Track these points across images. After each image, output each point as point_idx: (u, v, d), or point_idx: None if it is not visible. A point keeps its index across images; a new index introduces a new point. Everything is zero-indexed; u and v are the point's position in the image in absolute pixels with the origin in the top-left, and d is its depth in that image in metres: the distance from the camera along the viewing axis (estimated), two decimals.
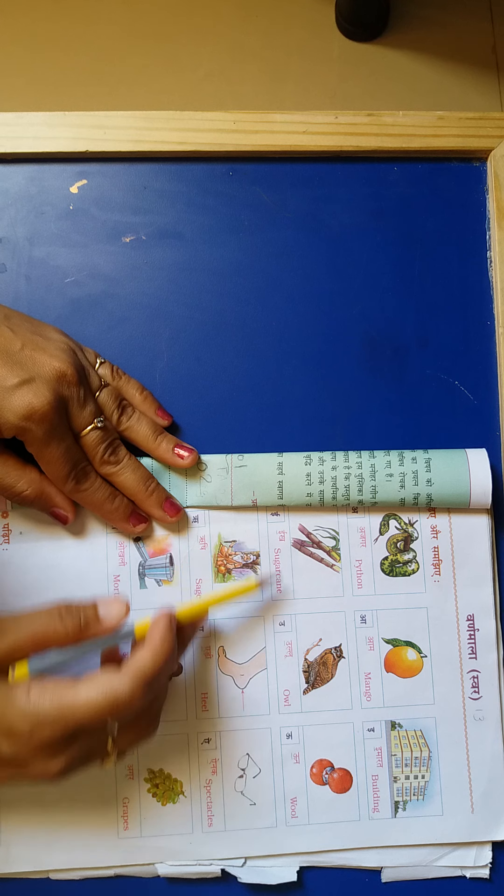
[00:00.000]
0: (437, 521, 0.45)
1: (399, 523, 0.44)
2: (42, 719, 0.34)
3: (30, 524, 0.43)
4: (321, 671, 0.44)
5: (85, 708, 0.34)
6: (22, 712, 0.34)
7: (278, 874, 0.42)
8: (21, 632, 0.36)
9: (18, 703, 0.34)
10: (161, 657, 0.36)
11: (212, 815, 0.43)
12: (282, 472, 0.43)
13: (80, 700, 0.34)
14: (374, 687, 0.44)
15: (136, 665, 0.36)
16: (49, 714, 0.34)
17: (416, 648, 0.44)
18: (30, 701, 0.34)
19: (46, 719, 0.34)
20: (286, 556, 0.44)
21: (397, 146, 0.46)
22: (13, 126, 0.46)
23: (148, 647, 0.37)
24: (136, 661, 0.36)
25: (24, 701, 0.34)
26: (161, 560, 0.44)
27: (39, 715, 0.34)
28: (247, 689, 0.43)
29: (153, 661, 0.36)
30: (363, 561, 0.44)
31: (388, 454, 0.44)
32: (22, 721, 0.34)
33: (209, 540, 0.44)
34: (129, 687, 0.35)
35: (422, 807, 0.43)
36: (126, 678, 0.35)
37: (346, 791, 0.43)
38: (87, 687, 0.35)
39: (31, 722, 0.34)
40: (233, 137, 0.46)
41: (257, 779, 0.43)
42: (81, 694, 0.34)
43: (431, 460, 0.43)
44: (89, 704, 0.34)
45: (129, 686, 0.35)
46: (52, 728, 0.34)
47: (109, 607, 0.38)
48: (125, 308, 0.46)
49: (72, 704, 0.34)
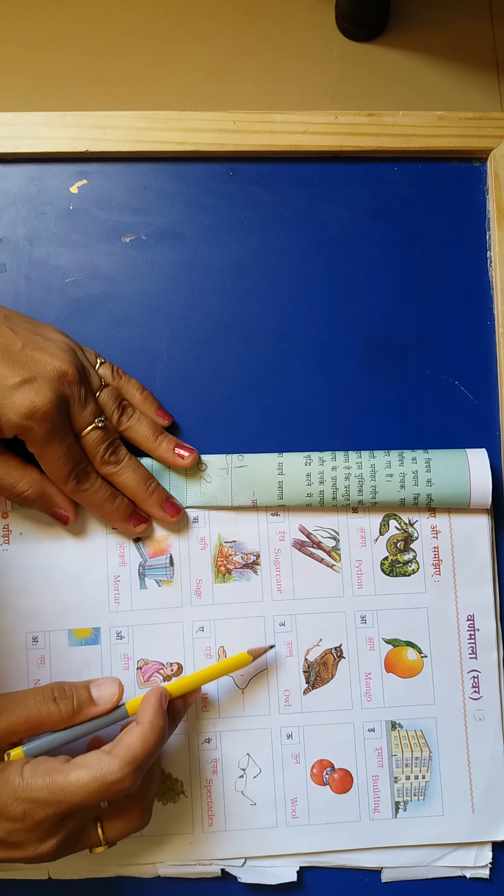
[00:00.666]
0: (437, 521, 0.45)
1: (399, 523, 0.44)
2: (35, 802, 0.34)
3: (30, 525, 0.43)
4: (321, 671, 0.44)
5: (77, 791, 0.34)
6: (15, 795, 0.35)
7: (278, 874, 0.42)
8: (15, 714, 0.37)
9: (12, 784, 0.35)
10: (151, 740, 0.36)
11: (212, 815, 0.43)
12: (282, 472, 0.43)
13: (71, 783, 0.35)
14: (374, 687, 0.44)
15: (126, 748, 0.36)
16: (41, 795, 0.34)
17: (417, 648, 0.44)
18: (23, 783, 0.35)
19: (39, 801, 0.34)
20: (286, 556, 0.44)
21: (397, 146, 0.46)
22: (13, 126, 0.46)
23: (138, 729, 0.37)
24: (125, 743, 0.36)
25: (18, 783, 0.35)
26: (161, 560, 0.44)
27: (32, 797, 0.34)
28: (247, 689, 0.43)
29: (143, 744, 0.36)
30: (363, 561, 0.44)
31: (388, 454, 0.44)
32: (15, 804, 0.34)
33: (209, 540, 0.44)
34: (118, 770, 0.35)
35: (422, 807, 0.43)
36: (117, 762, 0.35)
37: (346, 791, 0.43)
38: (79, 770, 0.35)
39: (25, 804, 0.34)
40: (233, 137, 0.46)
41: (258, 779, 0.43)
42: (73, 776, 0.35)
43: (431, 460, 0.43)
44: (81, 787, 0.35)
45: (118, 769, 0.35)
46: (45, 810, 0.34)
47: (103, 688, 0.39)
48: (125, 308, 0.46)
49: (63, 787, 0.35)
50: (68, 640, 0.43)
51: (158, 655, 0.43)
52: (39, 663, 0.43)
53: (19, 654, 0.43)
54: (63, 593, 0.43)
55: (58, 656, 0.43)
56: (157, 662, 0.43)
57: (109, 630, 0.43)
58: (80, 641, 0.43)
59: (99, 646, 0.43)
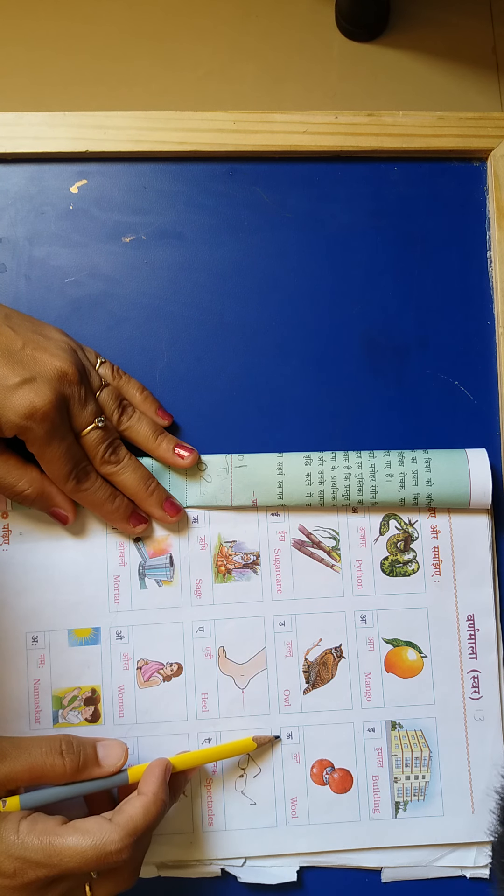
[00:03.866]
0: (437, 522, 0.44)
1: (399, 523, 0.44)
2: (28, 862, 0.34)
3: (30, 524, 0.43)
4: (321, 671, 0.44)
5: (72, 856, 0.34)
6: (8, 852, 0.34)
7: (278, 874, 0.42)
8: (19, 761, 0.36)
9: (6, 841, 0.34)
10: (153, 813, 0.36)
11: (212, 815, 0.43)
12: (282, 472, 0.43)
13: (68, 847, 0.34)
14: (374, 687, 0.44)
15: (127, 819, 0.35)
16: (36, 857, 0.34)
17: (417, 648, 0.44)
18: (18, 840, 0.34)
19: (32, 861, 0.34)
20: (286, 556, 0.44)
21: (397, 146, 0.46)
22: (13, 126, 0.46)
23: (141, 801, 0.36)
24: (128, 814, 0.36)
25: (13, 840, 0.34)
26: (161, 560, 0.44)
27: (26, 856, 0.34)
28: (247, 690, 0.43)
29: (145, 817, 0.36)
30: (363, 561, 0.44)
31: (388, 454, 0.44)
32: (8, 861, 0.34)
33: (209, 540, 0.44)
34: (118, 841, 0.35)
35: (422, 807, 0.43)
36: (117, 833, 0.35)
37: (346, 791, 0.43)
38: (77, 835, 0.34)
39: (17, 863, 0.34)
40: (233, 137, 0.46)
41: (257, 779, 0.43)
42: (70, 841, 0.34)
43: (431, 460, 0.43)
44: (77, 853, 0.34)
45: (118, 840, 0.35)
46: (37, 871, 0.34)
47: (110, 750, 0.39)
48: (125, 308, 0.46)
49: (60, 851, 0.34)
50: (68, 639, 0.43)
51: (158, 655, 0.43)
52: (39, 663, 0.43)
53: (19, 654, 0.43)
54: (63, 593, 0.43)
55: (58, 656, 0.43)
56: (157, 662, 0.43)
57: (109, 630, 0.43)
58: (80, 641, 0.43)
59: (99, 646, 0.43)
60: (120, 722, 0.43)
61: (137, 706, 0.43)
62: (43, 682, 0.43)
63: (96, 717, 0.43)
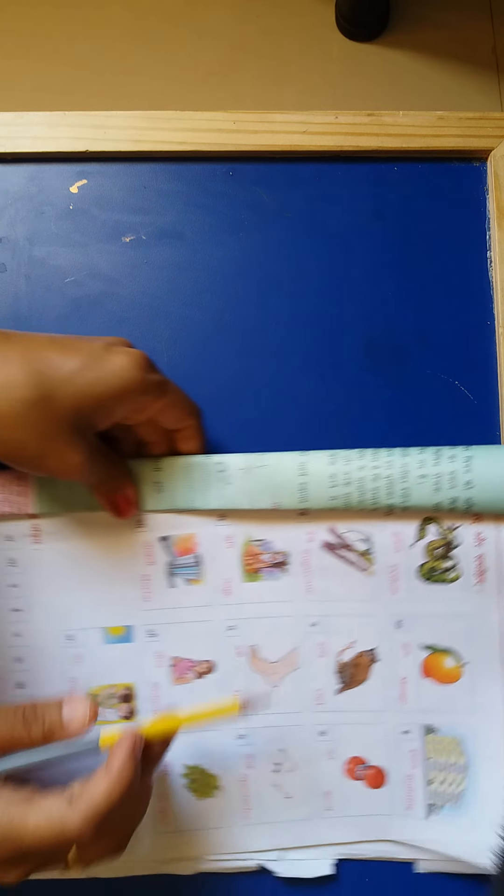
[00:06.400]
0: (481, 529, 0.41)
1: (439, 528, 0.42)
2: None
3: (60, 524, 0.43)
4: (355, 673, 0.43)
5: (31, 835, 0.33)
6: None
7: (314, 867, 0.42)
8: None
9: None
10: (117, 791, 0.34)
11: (248, 809, 0.43)
12: (304, 472, 0.41)
13: (28, 826, 0.33)
14: (409, 691, 0.43)
15: (88, 799, 0.34)
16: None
17: (455, 656, 0.42)
18: None
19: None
20: (316, 557, 0.43)
21: (397, 146, 0.46)
22: (13, 126, 0.46)
23: (104, 778, 0.34)
24: (89, 793, 0.34)
25: None
26: (189, 559, 0.43)
27: None
28: (279, 688, 0.43)
29: (107, 796, 0.34)
30: (398, 566, 0.42)
31: (423, 451, 0.41)
32: None
33: (236, 539, 0.43)
34: (78, 823, 0.33)
35: (456, 814, 0.42)
36: (76, 813, 0.33)
37: (380, 787, 0.43)
38: (37, 814, 0.33)
39: None
40: (233, 137, 0.46)
41: (292, 774, 0.43)
42: (30, 820, 0.33)
43: (472, 458, 0.40)
44: (36, 833, 0.33)
45: (78, 822, 0.33)
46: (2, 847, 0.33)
47: (75, 708, 0.36)
48: (125, 308, 0.46)
49: (19, 828, 0.33)
50: (103, 637, 0.43)
51: (190, 653, 0.43)
52: (76, 661, 0.42)
53: (55, 652, 0.42)
54: (95, 591, 0.43)
55: (93, 654, 0.42)
56: (188, 660, 0.43)
57: (142, 628, 0.43)
58: (114, 639, 0.43)
59: (132, 643, 0.43)
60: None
61: (172, 703, 0.43)
62: (80, 680, 0.42)
63: (132, 715, 0.43)
